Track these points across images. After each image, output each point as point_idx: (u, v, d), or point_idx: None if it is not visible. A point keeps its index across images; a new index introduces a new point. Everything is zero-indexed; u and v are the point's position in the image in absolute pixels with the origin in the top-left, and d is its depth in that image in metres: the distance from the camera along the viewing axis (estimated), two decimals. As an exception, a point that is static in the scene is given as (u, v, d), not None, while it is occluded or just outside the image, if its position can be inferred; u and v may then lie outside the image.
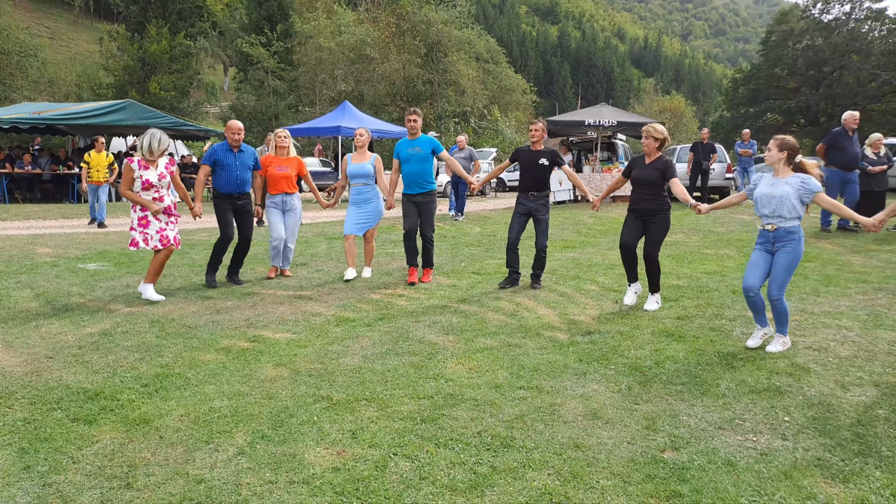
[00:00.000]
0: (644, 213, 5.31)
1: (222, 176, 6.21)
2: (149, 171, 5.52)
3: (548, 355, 4.16)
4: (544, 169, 6.11)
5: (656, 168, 5.24)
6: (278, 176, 6.56)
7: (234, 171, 6.19)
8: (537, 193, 6.13)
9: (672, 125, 44.61)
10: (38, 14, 60.66)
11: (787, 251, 4.15)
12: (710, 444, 2.94)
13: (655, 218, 5.26)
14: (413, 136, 6.35)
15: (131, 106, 17.94)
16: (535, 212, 6.13)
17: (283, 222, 6.63)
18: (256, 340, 4.49)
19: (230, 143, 6.21)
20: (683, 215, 11.85)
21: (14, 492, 2.52)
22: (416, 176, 6.34)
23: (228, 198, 6.25)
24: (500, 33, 76.62)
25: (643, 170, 5.30)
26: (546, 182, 6.15)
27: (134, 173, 5.47)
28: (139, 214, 5.58)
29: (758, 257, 4.28)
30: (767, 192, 4.21)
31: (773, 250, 4.24)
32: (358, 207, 6.69)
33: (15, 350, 4.23)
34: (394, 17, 32.55)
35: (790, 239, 4.16)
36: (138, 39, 34.78)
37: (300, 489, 2.54)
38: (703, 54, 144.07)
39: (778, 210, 4.16)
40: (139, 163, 5.51)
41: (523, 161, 6.20)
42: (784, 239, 4.18)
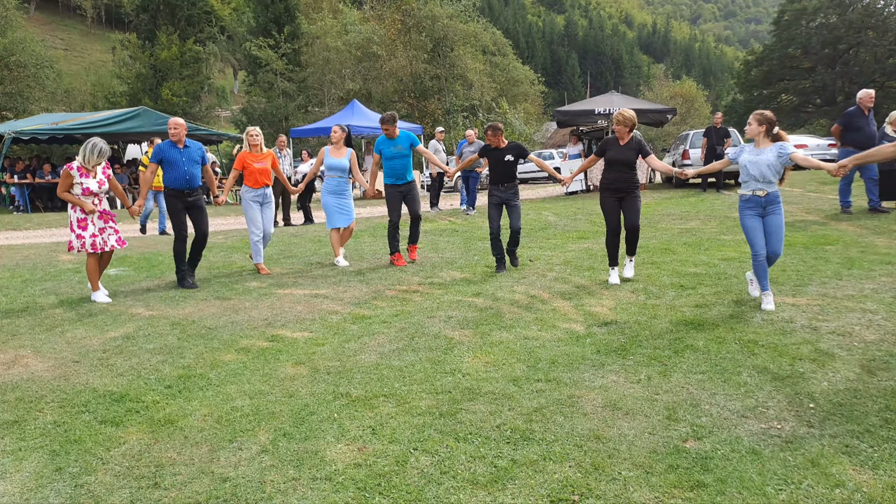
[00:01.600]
0: (619, 191, 5.83)
1: (171, 173, 6.28)
2: (89, 180, 5.66)
3: (565, 347, 4.16)
4: (510, 164, 6.65)
5: (631, 149, 5.79)
6: (259, 171, 6.89)
7: (181, 166, 6.25)
8: (507, 184, 6.68)
9: (684, 110, 44.09)
10: (51, 27, 61.48)
11: (777, 213, 4.70)
12: (734, 433, 2.92)
13: (631, 194, 5.81)
14: (391, 137, 7.06)
15: (145, 113, 18.17)
16: (507, 200, 6.68)
17: (261, 216, 6.94)
18: (275, 340, 4.54)
19: (173, 140, 6.29)
20: (699, 202, 11.74)
21: (47, 493, 2.58)
22: (400, 169, 7.10)
23: (179, 195, 6.33)
24: (506, 25, 76.19)
25: (620, 151, 5.82)
26: (513, 174, 6.71)
27: (73, 179, 5.61)
28: (78, 216, 5.73)
29: (755, 224, 4.73)
30: (754, 159, 4.67)
31: (763, 214, 4.73)
32: (338, 198, 7.22)
33: (43, 355, 4.31)
34: (399, 14, 32.52)
35: (777, 201, 4.70)
36: (149, 47, 35.17)
37: (323, 486, 2.57)
38: (714, 37, 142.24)
39: (766, 175, 4.63)
40: (79, 170, 5.64)
41: (491, 159, 6.74)
42: (774, 202, 4.70)
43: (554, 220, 10.63)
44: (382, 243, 8.76)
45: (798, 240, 7.33)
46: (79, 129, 17.43)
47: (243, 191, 6.97)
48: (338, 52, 32.45)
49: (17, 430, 3.16)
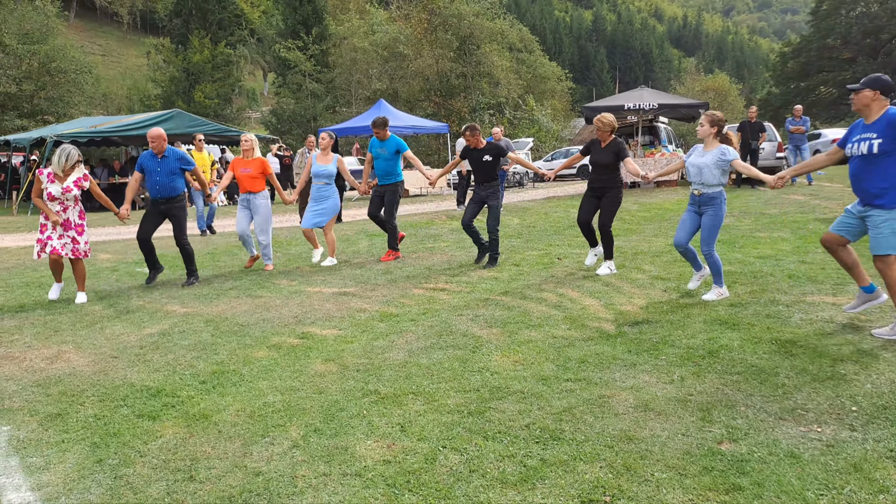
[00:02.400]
0: (599, 191, 6.19)
1: (147, 181, 6.49)
2: (53, 185, 5.74)
3: (595, 347, 4.11)
4: (489, 164, 6.93)
5: (611, 151, 6.09)
6: (242, 177, 7.16)
7: (154, 176, 6.41)
8: (487, 184, 6.97)
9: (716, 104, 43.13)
10: (90, 33, 63.18)
11: (710, 214, 4.95)
12: (771, 436, 2.85)
13: (608, 193, 6.12)
14: (382, 139, 7.43)
15: (179, 115, 18.54)
16: (486, 199, 6.95)
17: (246, 218, 7.22)
18: (305, 337, 4.59)
19: (153, 150, 6.44)
20: (733, 198, 11.51)
21: (89, 484, 2.66)
22: (382, 170, 7.45)
23: (155, 202, 6.52)
24: (533, 21, 75.63)
25: (599, 153, 6.16)
26: (493, 174, 6.99)
27: (42, 184, 5.73)
28: (42, 220, 5.85)
29: (686, 217, 5.12)
30: (696, 162, 4.98)
31: (700, 212, 5.03)
32: (316, 203, 7.48)
33: (83, 351, 4.44)
34: (425, 13, 32.55)
35: (712, 203, 4.94)
36: (182, 51, 35.91)
37: (353, 481, 2.59)
38: (748, 29, 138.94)
39: (702, 179, 4.92)
40: (48, 175, 5.75)
41: (471, 159, 7.03)
42: (708, 203, 4.96)
43: (583, 217, 10.52)
44: (409, 241, 8.80)
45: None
46: (116, 132, 17.87)
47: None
48: (364, 52, 32.68)
49: (60, 423, 3.26)
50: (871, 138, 3.90)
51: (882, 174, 3.86)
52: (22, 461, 2.87)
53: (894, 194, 3.85)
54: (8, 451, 2.97)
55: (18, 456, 2.92)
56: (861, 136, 3.97)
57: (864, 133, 3.97)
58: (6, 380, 3.90)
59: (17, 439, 3.10)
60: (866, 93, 3.92)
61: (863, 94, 3.93)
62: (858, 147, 3.96)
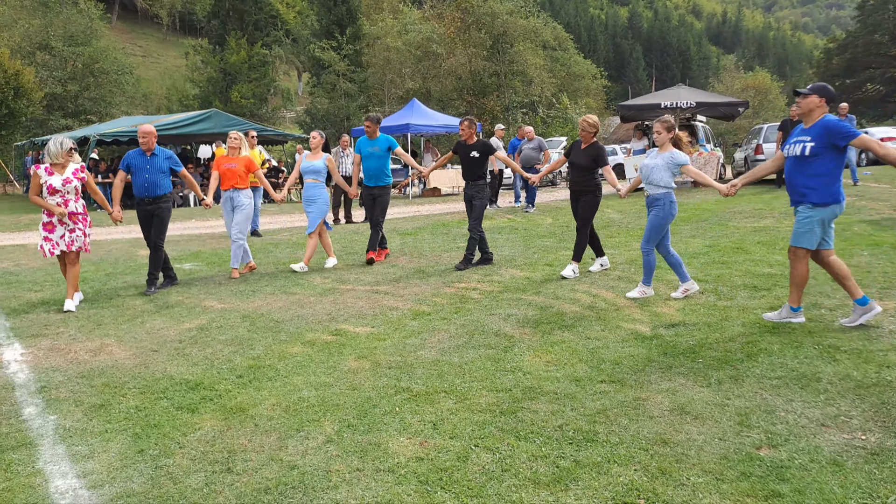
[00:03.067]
0: (577, 193, 6.28)
1: (134, 179, 6.30)
2: (53, 177, 5.58)
3: (629, 348, 4.06)
4: (476, 160, 6.88)
5: (588, 155, 6.15)
6: (226, 171, 7.00)
7: (143, 174, 6.24)
8: (472, 182, 6.94)
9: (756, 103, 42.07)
10: (131, 35, 64.96)
11: (654, 213, 5.17)
12: (812, 442, 2.78)
13: (585, 196, 6.20)
14: (372, 137, 7.23)
15: (216, 115, 18.93)
16: (471, 198, 6.93)
17: (229, 219, 6.99)
18: (338, 334, 4.64)
19: (142, 147, 6.32)
20: (773, 198, 11.22)
21: (131, 473, 2.75)
22: (374, 170, 7.24)
23: (140, 202, 6.33)
24: (567, 19, 74.85)
25: (578, 155, 6.22)
26: (480, 171, 6.96)
27: (40, 179, 5.55)
28: (45, 220, 5.66)
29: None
30: (647, 163, 5.23)
31: (649, 212, 5.26)
32: (307, 205, 7.31)
33: (125, 344, 4.58)
34: (459, 12, 32.54)
35: (658, 204, 5.15)
36: (219, 52, 36.62)
37: (386, 477, 2.61)
38: (790, 25, 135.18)
39: (650, 179, 5.16)
40: (46, 169, 5.59)
41: (460, 154, 6.97)
42: (654, 204, 5.18)
43: (617, 217, 10.40)
44: (442, 240, 8.82)
45: (886, 239, 6.90)
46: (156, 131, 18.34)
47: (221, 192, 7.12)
48: (397, 51, 32.82)
49: (103, 413, 3.37)
50: (805, 141, 4.19)
51: (811, 174, 4.17)
52: (68, 449, 2.98)
53: (821, 193, 4.15)
54: (55, 440, 3.09)
55: (65, 444, 3.03)
56: (798, 138, 4.27)
57: (800, 136, 4.26)
58: (53, 371, 4.05)
59: (64, 428, 3.21)
60: (813, 98, 4.18)
61: (810, 99, 4.18)
62: (794, 148, 4.26)
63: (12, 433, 3.17)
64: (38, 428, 3.22)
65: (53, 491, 2.62)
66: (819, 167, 4.15)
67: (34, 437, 3.12)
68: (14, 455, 2.93)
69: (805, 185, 4.19)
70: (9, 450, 2.99)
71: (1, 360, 4.30)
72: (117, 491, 2.60)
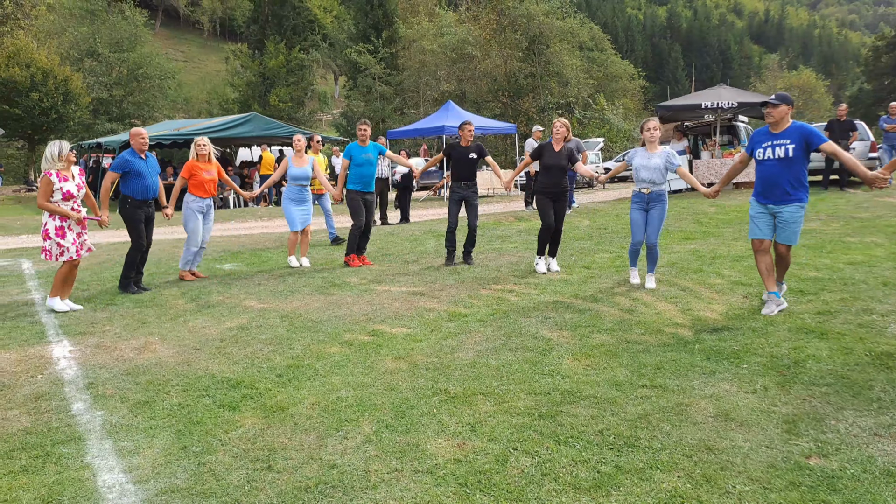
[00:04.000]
0: (553, 194, 6.45)
1: (138, 183, 6.24)
2: (68, 183, 5.55)
3: (671, 353, 3.98)
4: (474, 162, 7.17)
5: (563, 156, 6.44)
6: (208, 180, 6.92)
7: (148, 177, 6.29)
8: (469, 182, 7.19)
9: (801, 102, 40.92)
10: (174, 41, 66.80)
11: (659, 209, 5.56)
12: (865, 452, 2.67)
13: (562, 197, 6.48)
14: (363, 143, 7.38)
15: (255, 118, 19.27)
16: (467, 198, 7.18)
17: (201, 228, 6.95)
18: (375, 334, 4.67)
19: (138, 150, 6.27)
20: (819, 200, 10.87)
21: (175, 469, 2.80)
22: (368, 177, 7.40)
23: (143, 204, 6.32)
24: (605, 20, 74.04)
25: (553, 157, 6.45)
26: (475, 172, 7.21)
27: (54, 185, 5.47)
28: (57, 224, 5.56)
29: (638, 217, 5.65)
30: (645, 163, 5.53)
31: (647, 209, 5.59)
32: (300, 205, 7.53)
33: (168, 342, 4.69)
34: (494, 14, 32.45)
35: (661, 200, 5.56)
36: (259, 56, 37.35)
37: (425, 479, 2.61)
38: (836, 22, 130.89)
39: (653, 178, 5.50)
40: (58, 175, 5.51)
41: (455, 156, 7.16)
42: (656, 200, 5.56)
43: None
44: (477, 241, 8.80)
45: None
46: (197, 135, 18.74)
47: (188, 200, 6.90)
48: (433, 54, 32.93)
49: (148, 410, 3.45)
50: (786, 144, 4.63)
51: (796, 175, 4.62)
52: (115, 444, 3.06)
53: (806, 191, 4.67)
54: (102, 435, 3.17)
55: (112, 439, 3.12)
56: (773, 142, 4.69)
57: (777, 140, 4.69)
58: (100, 368, 4.16)
59: (111, 424, 3.30)
60: (783, 107, 4.69)
61: (781, 108, 4.69)
62: (774, 152, 4.67)
63: (62, 427, 3.26)
64: (87, 423, 3.32)
65: (101, 485, 2.69)
66: (802, 168, 4.64)
67: (83, 431, 3.22)
68: (64, 449, 3.02)
69: (793, 185, 4.63)
70: (59, 444, 3.08)
71: (51, 356, 4.44)
72: (162, 486, 2.66)
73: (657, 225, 5.57)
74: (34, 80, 25.28)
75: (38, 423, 3.32)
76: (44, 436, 3.16)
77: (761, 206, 4.82)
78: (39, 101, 25.16)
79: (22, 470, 2.82)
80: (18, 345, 4.69)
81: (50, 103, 25.51)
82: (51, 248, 5.59)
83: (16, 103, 24.95)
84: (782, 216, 4.67)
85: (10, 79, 24.86)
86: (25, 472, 2.80)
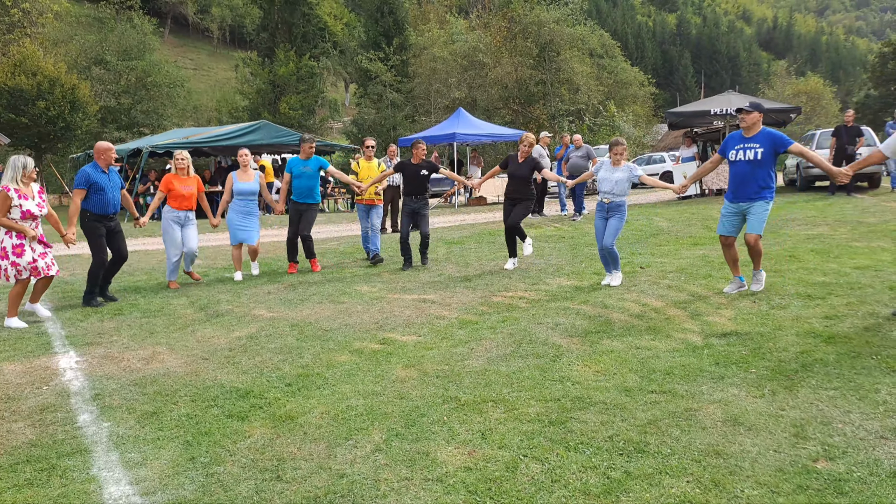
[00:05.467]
0: (514, 200, 7.15)
1: (99, 198, 6.22)
2: (28, 202, 5.46)
3: (680, 358, 3.98)
4: (424, 178, 7.67)
5: (528, 165, 7.10)
6: (185, 194, 7.03)
7: (109, 191, 6.27)
8: (419, 196, 7.69)
9: (809, 108, 40.67)
10: (183, 48, 67.40)
11: (617, 217, 6.09)
12: (872, 455, 2.67)
13: (521, 203, 7.12)
14: (306, 157, 7.76)
15: (265, 126, 19.37)
16: (417, 210, 7.72)
17: (181, 237, 7.06)
18: (386, 343, 4.69)
19: (103, 165, 6.27)
20: (826, 206, 10.82)
21: (183, 480, 2.80)
22: (306, 189, 7.76)
23: (103, 219, 6.30)
24: (615, 27, 73.97)
25: (518, 167, 7.12)
26: (426, 187, 7.73)
27: (11, 201, 5.35)
28: (14, 242, 5.44)
29: (600, 224, 6.19)
30: (607, 176, 6.09)
31: (607, 217, 6.12)
32: (244, 218, 7.49)
33: (177, 352, 4.72)
34: (505, 21, 32.58)
35: (619, 210, 6.09)
36: (268, 64, 37.56)
37: (435, 487, 2.63)
38: (844, 29, 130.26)
39: (615, 189, 6.02)
40: (17, 192, 5.40)
41: (407, 172, 7.69)
42: (615, 210, 6.09)
43: (666, 225, 10.20)
44: (488, 249, 8.83)
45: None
46: (207, 143, 18.92)
47: (165, 211, 7.02)
48: (444, 61, 33.02)
49: (155, 421, 3.45)
50: (755, 148, 5.15)
51: (764, 175, 5.16)
52: (121, 456, 3.04)
53: (773, 190, 5.22)
54: (109, 447, 3.15)
55: (118, 451, 3.10)
56: (745, 145, 5.22)
57: (748, 143, 5.21)
58: (107, 378, 4.16)
59: (117, 435, 3.28)
60: (755, 114, 5.21)
61: (753, 115, 5.21)
62: (745, 154, 5.20)
63: (68, 440, 3.24)
64: (93, 435, 3.29)
65: (107, 498, 2.67)
66: (769, 169, 5.16)
67: (89, 443, 3.19)
68: (70, 461, 3.00)
69: (762, 185, 5.17)
70: (65, 456, 3.06)
71: (57, 367, 4.42)
72: (169, 498, 2.64)
73: (612, 231, 6.06)
74: (41, 88, 25.01)
75: (44, 435, 3.31)
76: (49, 448, 3.14)
77: (732, 206, 5.35)
78: (46, 110, 24.97)
79: (27, 483, 2.81)
80: (24, 356, 4.71)
81: (57, 112, 25.43)
82: (5, 267, 5.44)
83: (22, 112, 24.64)
84: (750, 210, 5.22)
85: (17, 87, 24.50)
86: (30, 485, 2.79)
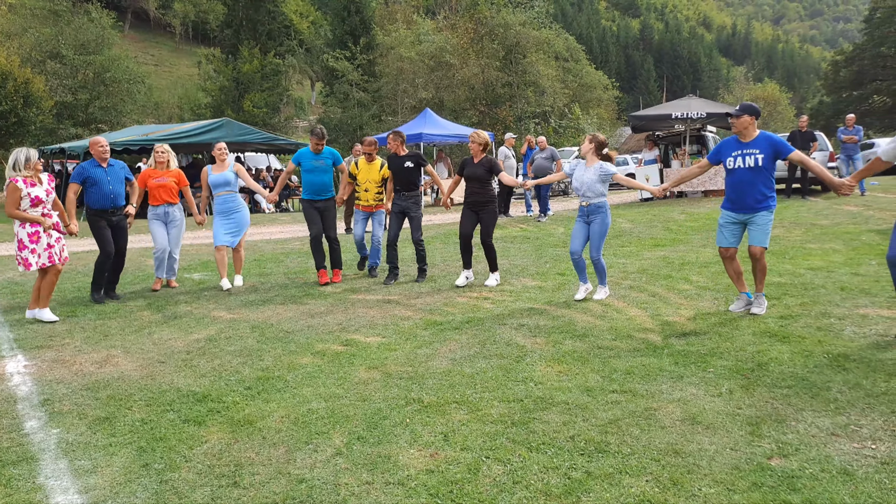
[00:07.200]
0: (476, 205, 6.37)
1: (95, 192, 6.21)
2: (36, 188, 5.46)
3: (641, 358, 4.03)
4: (410, 171, 6.80)
5: (483, 166, 6.33)
6: (158, 186, 6.79)
7: (106, 185, 6.21)
8: (408, 193, 6.84)
9: (766, 114, 42.02)
10: (144, 44, 65.63)
11: (598, 222, 5.54)
12: (823, 452, 2.75)
13: (486, 209, 6.34)
14: (317, 151, 6.84)
15: (228, 124, 19.02)
16: (407, 210, 6.83)
17: (165, 233, 6.86)
18: (349, 344, 4.63)
19: (97, 159, 6.26)
20: (783, 208, 11.14)
21: (135, 488, 2.71)
22: (320, 185, 6.89)
23: (103, 213, 6.27)
24: (580, 31, 74.95)
25: (473, 168, 6.37)
26: (415, 182, 6.87)
27: (21, 192, 5.37)
28: (29, 231, 5.47)
29: (578, 228, 5.66)
30: (579, 176, 5.60)
31: (588, 221, 5.61)
32: (225, 217, 6.85)
33: (132, 355, 4.58)
34: (472, 23, 32.67)
35: (599, 212, 5.54)
36: (232, 61, 36.88)
37: (396, 490, 2.60)
38: (799, 37, 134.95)
39: (587, 192, 5.53)
40: (24, 181, 5.41)
41: (393, 167, 6.85)
42: (595, 212, 5.55)
43: (629, 227, 10.36)
44: (454, 250, 8.81)
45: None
46: (167, 140, 18.42)
47: (149, 208, 6.90)
48: (411, 61, 32.92)
49: (108, 427, 3.33)
50: (755, 154, 4.74)
51: (765, 183, 4.75)
52: (70, 464, 2.93)
53: (774, 199, 4.80)
54: (57, 454, 3.03)
55: (67, 459, 2.98)
56: (743, 151, 4.79)
57: (746, 149, 4.78)
58: (57, 383, 4.01)
59: (67, 442, 3.16)
60: (745, 118, 4.78)
61: (743, 118, 4.78)
62: (744, 161, 4.77)
63: (13, 447, 3.11)
64: (40, 442, 3.17)
65: (55, 506, 2.56)
66: (770, 176, 4.78)
67: (35, 451, 3.07)
68: (14, 470, 2.88)
69: (764, 193, 4.76)
70: (9, 465, 2.93)
71: (3, 372, 4.24)
72: (122, 505, 2.55)
73: (597, 240, 5.55)
74: (-8, 82, 24.34)
75: (-13, 443, 3.16)
76: (-8, 456, 3.00)
77: (732, 216, 4.89)
78: (-3, 105, 24.24)
79: (-31, 493, 2.68)
80: (-31, 360, 4.49)
81: (9, 107, 24.55)
82: (27, 257, 5.47)
83: (-29, 107, 23.97)
84: (754, 221, 4.79)
85: (-35, 82, 23.90)
86: (-27, 494, 2.67)
